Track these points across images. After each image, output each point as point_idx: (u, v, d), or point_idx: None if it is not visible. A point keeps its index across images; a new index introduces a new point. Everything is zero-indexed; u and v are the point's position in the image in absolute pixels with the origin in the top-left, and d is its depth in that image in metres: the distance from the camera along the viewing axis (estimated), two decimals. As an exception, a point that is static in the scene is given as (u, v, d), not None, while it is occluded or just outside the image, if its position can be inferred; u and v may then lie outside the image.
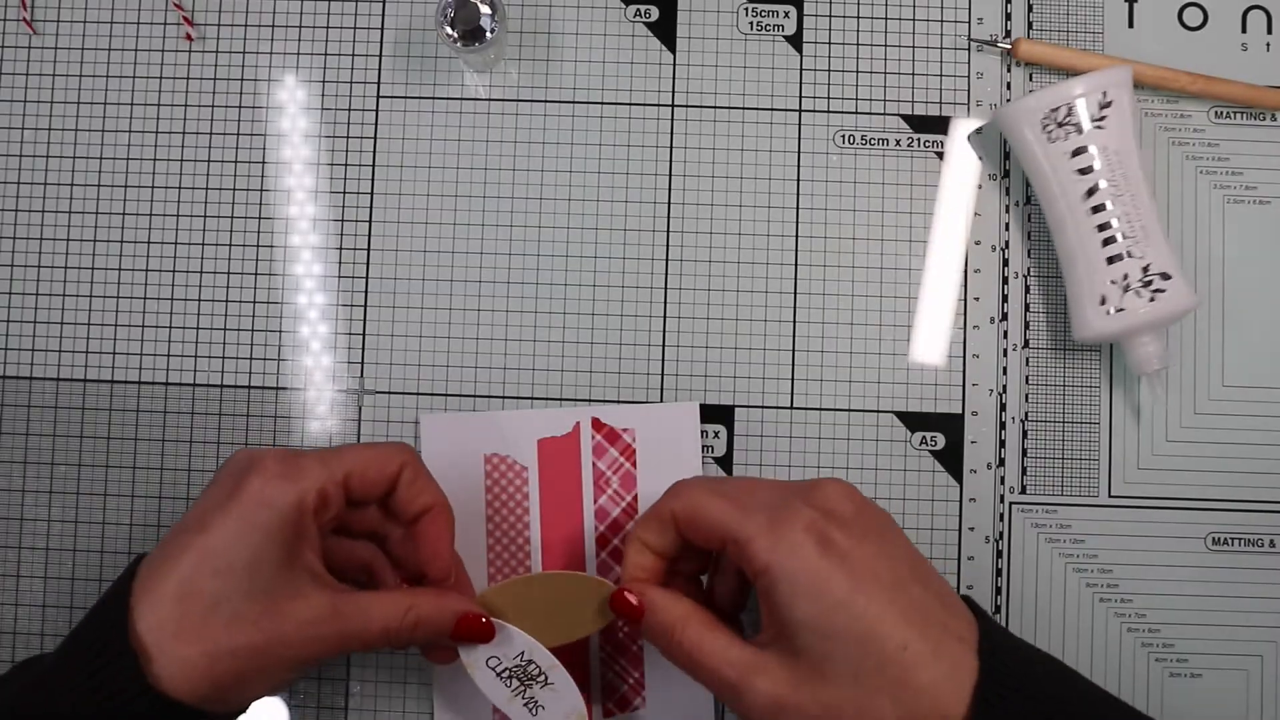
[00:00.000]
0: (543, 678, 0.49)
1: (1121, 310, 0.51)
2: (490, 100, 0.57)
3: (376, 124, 0.56)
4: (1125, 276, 0.51)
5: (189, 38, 0.57)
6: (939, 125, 0.56)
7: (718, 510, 0.44)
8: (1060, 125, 0.51)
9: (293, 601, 0.44)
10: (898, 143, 0.56)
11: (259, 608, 0.43)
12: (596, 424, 0.55)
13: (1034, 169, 0.52)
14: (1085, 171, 0.51)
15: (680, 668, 0.45)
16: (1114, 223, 0.51)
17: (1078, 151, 0.51)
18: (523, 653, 0.48)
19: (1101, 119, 0.51)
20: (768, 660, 0.42)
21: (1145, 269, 0.51)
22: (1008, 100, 0.56)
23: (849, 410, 0.55)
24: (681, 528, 0.45)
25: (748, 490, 0.45)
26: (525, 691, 0.49)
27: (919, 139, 0.56)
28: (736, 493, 0.44)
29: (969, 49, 0.57)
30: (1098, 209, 0.51)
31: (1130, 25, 0.57)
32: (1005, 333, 0.56)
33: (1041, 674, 0.43)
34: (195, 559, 0.43)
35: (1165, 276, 0.51)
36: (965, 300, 0.56)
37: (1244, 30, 0.57)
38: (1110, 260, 0.51)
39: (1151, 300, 0.51)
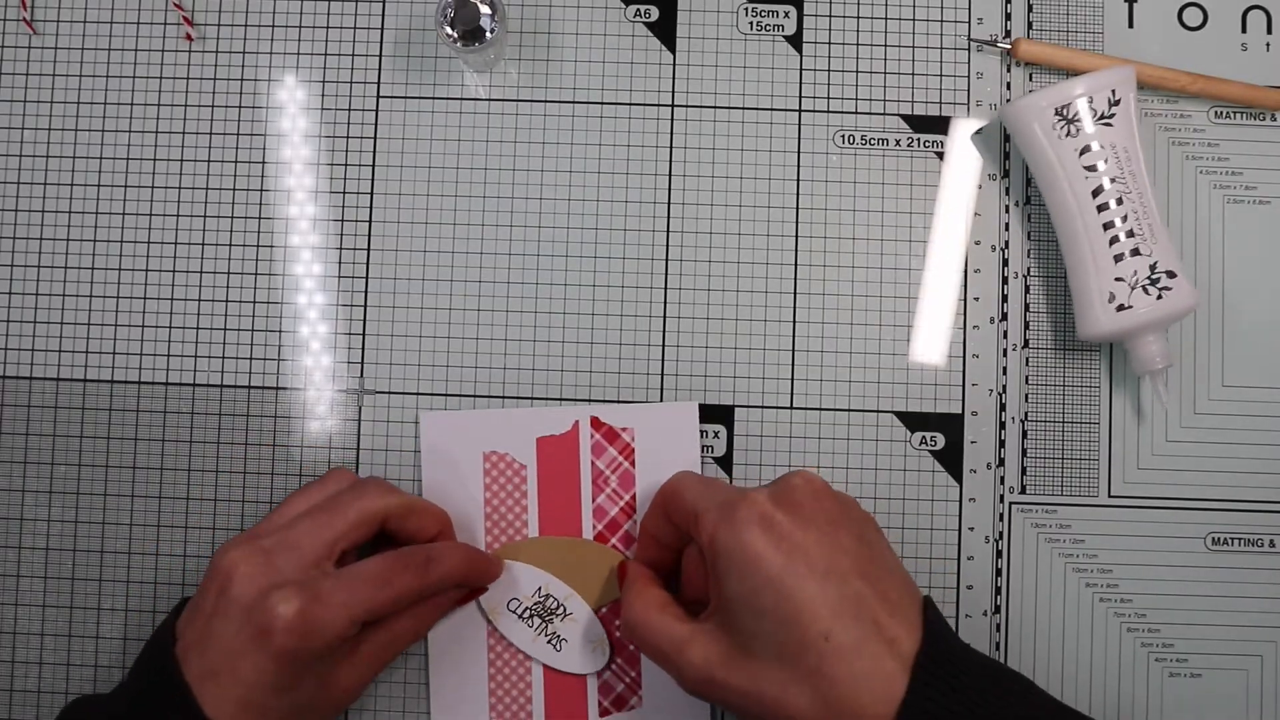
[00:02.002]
0: (561, 609, 0.51)
1: (1129, 308, 0.49)
2: (490, 100, 0.54)
3: (376, 124, 0.54)
4: (1134, 274, 0.49)
5: (189, 38, 0.54)
6: (939, 125, 0.54)
7: (692, 488, 0.46)
8: (1070, 122, 0.49)
9: (332, 688, 0.46)
10: (898, 143, 0.54)
11: (310, 710, 0.46)
12: (595, 423, 0.53)
13: (1042, 166, 0.50)
14: (1094, 169, 0.49)
15: (634, 643, 0.47)
16: (1123, 220, 0.49)
17: (1087, 149, 0.49)
18: (539, 587, 0.51)
19: (1110, 117, 0.49)
20: (704, 634, 0.43)
21: (1153, 267, 0.49)
22: (1008, 100, 0.54)
23: (849, 410, 0.53)
24: (666, 506, 0.47)
25: (726, 483, 0.47)
26: (546, 628, 0.51)
27: (919, 139, 0.54)
28: (715, 481, 0.47)
29: (969, 49, 0.54)
30: (1106, 206, 0.49)
31: (1130, 25, 0.54)
32: (1005, 333, 0.54)
33: (983, 695, 0.40)
34: (239, 698, 0.43)
35: (1171, 275, 0.49)
36: (965, 300, 0.54)
37: (1244, 30, 0.55)
38: (1118, 258, 0.49)
39: (1159, 298, 0.49)
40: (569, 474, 0.52)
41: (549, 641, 0.51)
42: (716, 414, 0.53)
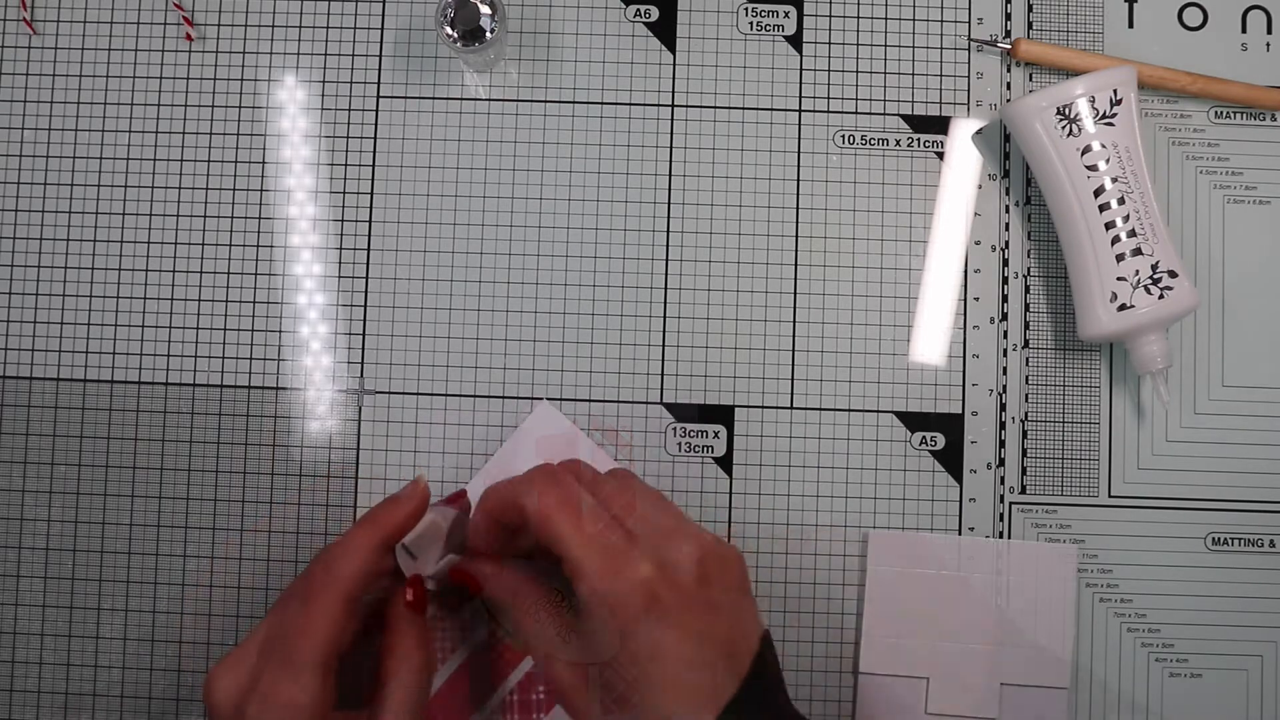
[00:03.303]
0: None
1: (1131, 307, 0.48)
2: (490, 100, 0.54)
3: (376, 124, 0.54)
4: (1136, 273, 0.48)
5: (189, 38, 0.54)
6: (939, 125, 0.54)
7: (566, 524, 0.42)
8: (1072, 121, 0.48)
9: None
10: (898, 143, 0.54)
11: None
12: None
13: (1044, 166, 0.50)
14: (1095, 168, 0.48)
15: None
16: (1125, 220, 0.48)
17: (1089, 148, 0.48)
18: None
19: (1112, 116, 0.48)
20: (568, 653, 0.42)
21: (1154, 266, 0.48)
22: (1008, 100, 0.53)
23: (849, 410, 0.53)
24: (532, 528, 0.43)
25: (596, 516, 0.42)
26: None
27: (919, 139, 0.53)
28: (590, 515, 0.42)
29: (969, 49, 0.54)
30: (1107, 206, 0.49)
31: (1130, 25, 0.54)
32: (1005, 333, 0.53)
33: None
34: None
35: (1173, 274, 0.48)
36: (965, 300, 0.53)
37: (1244, 30, 0.54)
38: (1119, 258, 0.48)
39: (1160, 298, 0.48)
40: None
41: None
42: (717, 414, 0.52)
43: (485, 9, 0.49)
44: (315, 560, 0.43)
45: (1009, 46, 0.53)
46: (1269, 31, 0.54)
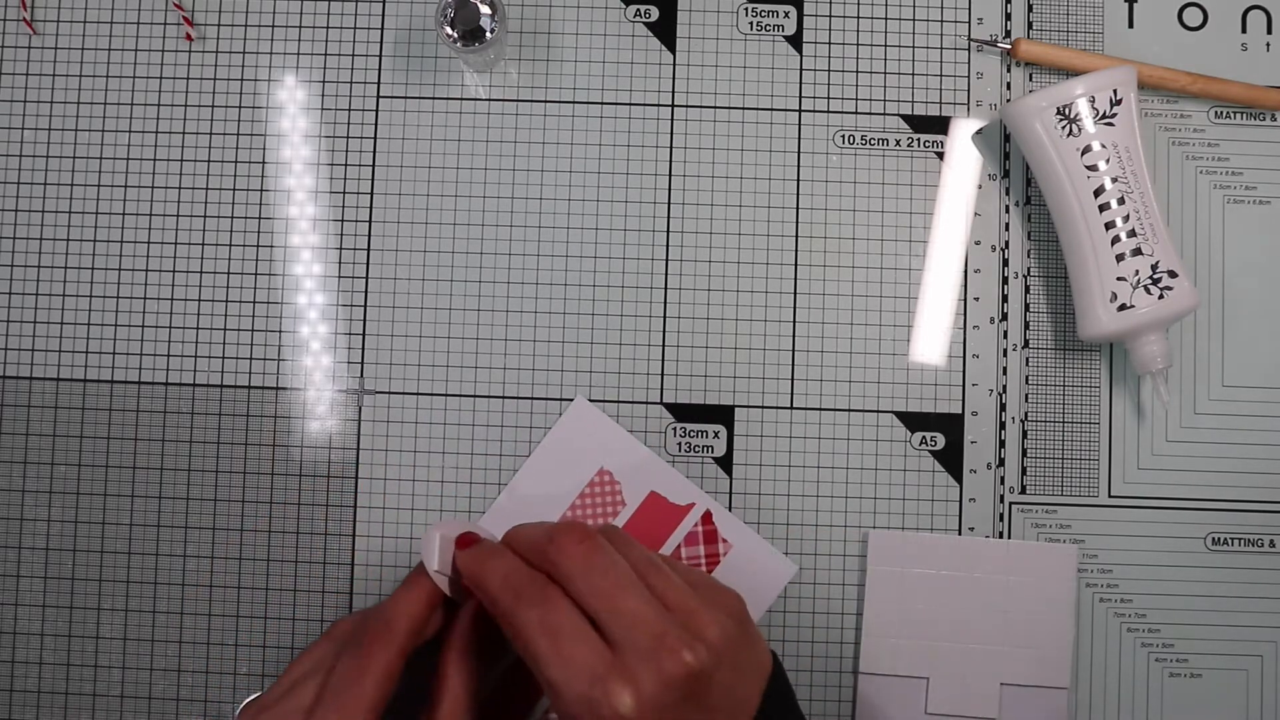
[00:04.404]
0: None
1: (1131, 307, 0.48)
2: (490, 100, 0.54)
3: (376, 124, 0.54)
4: (1136, 273, 0.48)
5: (189, 38, 0.54)
6: (939, 125, 0.53)
7: (550, 652, 0.39)
8: (1072, 121, 0.48)
9: None
10: (898, 143, 0.53)
11: None
12: (707, 518, 0.51)
13: (1044, 166, 0.49)
14: (1095, 168, 0.48)
15: None
16: (1125, 220, 0.48)
17: (1089, 148, 0.48)
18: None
19: (1112, 116, 0.48)
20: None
21: (1154, 266, 0.48)
22: (1008, 100, 0.53)
23: (849, 410, 0.52)
24: (558, 580, 0.41)
25: (586, 645, 0.39)
26: None
27: (919, 139, 0.53)
28: (574, 643, 0.39)
29: (969, 49, 0.54)
30: (1108, 206, 0.48)
31: (1130, 25, 0.54)
32: (1005, 333, 0.53)
33: None
34: None
35: (1173, 274, 0.48)
36: (965, 300, 0.53)
37: (1244, 30, 0.54)
38: (1120, 258, 0.48)
39: (1160, 298, 0.48)
40: (655, 538, 0.51)
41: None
42: (717, 414, 0.52)
43: (485, 9, 0.49)
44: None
45: (1009, 46, 0.53)
46: (1269, 31, 0.54)
